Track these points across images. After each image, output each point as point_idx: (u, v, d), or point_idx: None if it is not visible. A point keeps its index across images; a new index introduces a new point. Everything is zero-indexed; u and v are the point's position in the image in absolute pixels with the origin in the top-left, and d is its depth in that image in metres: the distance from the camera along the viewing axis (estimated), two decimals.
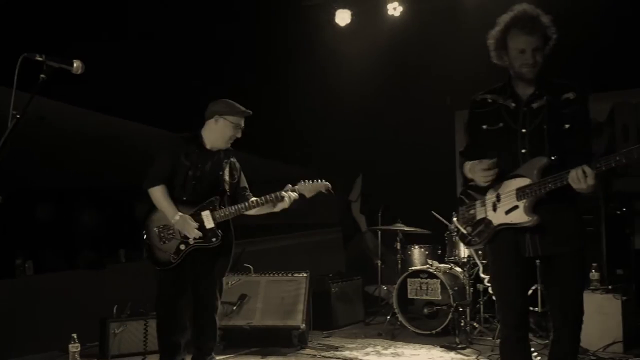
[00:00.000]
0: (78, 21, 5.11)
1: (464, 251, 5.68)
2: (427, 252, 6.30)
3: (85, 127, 5.83)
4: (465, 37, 6.68)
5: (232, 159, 4.09)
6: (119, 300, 5.01)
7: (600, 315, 4.96)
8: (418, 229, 6.39)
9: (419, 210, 6.80)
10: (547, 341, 5.19)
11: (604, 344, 4.87)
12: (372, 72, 7.10)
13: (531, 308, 5.54)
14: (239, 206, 3.91)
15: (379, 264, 6.67)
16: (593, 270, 5.21)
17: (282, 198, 3.90)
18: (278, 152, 7.39)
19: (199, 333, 3.99)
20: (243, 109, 4.01)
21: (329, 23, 6.92)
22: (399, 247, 6.40)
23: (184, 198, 3.86)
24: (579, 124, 2.89)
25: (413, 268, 6.02)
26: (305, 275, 5.54)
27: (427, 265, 5.93)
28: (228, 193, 4.00)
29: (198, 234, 3.79)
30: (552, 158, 2.81)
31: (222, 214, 3.85)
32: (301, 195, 3.95)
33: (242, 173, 4.16)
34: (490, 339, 5.31)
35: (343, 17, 6.90)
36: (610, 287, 5.14)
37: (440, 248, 6.28)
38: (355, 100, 7.45)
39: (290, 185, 3.96)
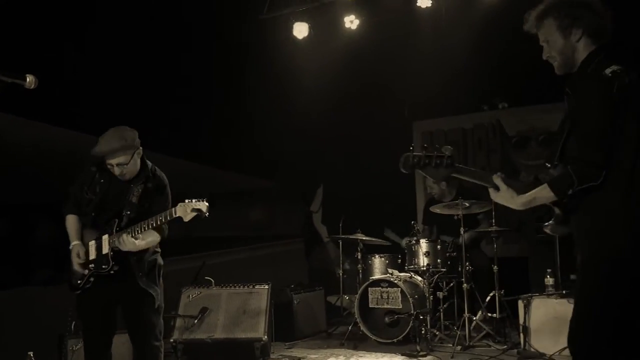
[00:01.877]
0: (34, 33, 5.05)
1: (423, 260, 5.77)
2: (387, 261, 6.36)
3: (41, 140, 5.75)
4: (422, 49, 6.85)
5: (148, 184, 3.76)
6: (77, 317, 4.92)
7: (555, 320, 5.09)
8: (378, 239, 6.47)
9: (379, 220, 6.90)
10: (505, 346, 5.32)
11: (559, 348, 4.99)
12: (331, 84, 7.19)
13: (489, 314, 5.67)
14: (127, 231, 3.60)
15: (341, 274, 6.71)
16: (548, 276, 5.35)
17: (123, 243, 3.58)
18: (239, 165, 7.39)
19: None
20: (104, 149, 3.62)
21: (286, 36, 6.97)
22: (359, 257, 6.46)
23: (92, 226, 3.78)
24: (573, 126, 2.50)
25: (374, 277, 6.07)
26: (266, 287, 5.54)
27: (388, 275, 5.99)
28: (130, 215, 3.67)
29: (75, 262, 3.67)
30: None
31: (116, 239, 3.62)
32: (179, 218, 3.53)
33: (162, 198, 3.78)
34: (451, 345, 5.39)
35: (301, 30, 6.96)
36: (564, 292, 5.28)
37: (400, 257, 6.36)
38: (314, 112, 7.52)
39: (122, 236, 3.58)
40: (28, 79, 2.81)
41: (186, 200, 3.52)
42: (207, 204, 3.52)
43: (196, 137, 6.59)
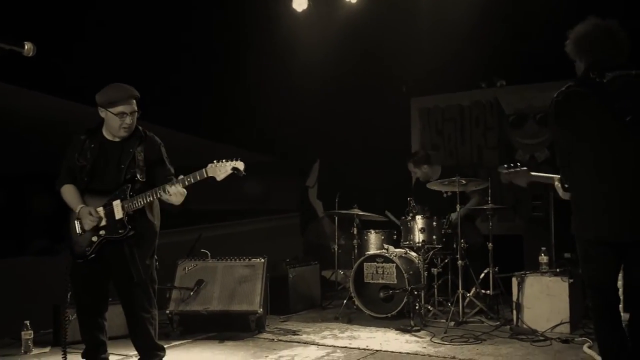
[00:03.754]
0: (34, 3, 5.00)
1: (419, 236, 5.79)
2: (383, 237, 6.39)
3: (38, 111, 5.71)
4: (421, 25, 6.80)
5: (144, 143, 3.80)
6: (71, 285, 4.92)
7: (548, 297, 5.15)
8: (374, 215, 6.49)
9: (376, 196, 6.91)
10: (498, 323, 5.37)
11: (551, 325, 5.05)
12: (330, 58, 7.13)
13: (483, 291, 5.72)
14: (147, 194, 3.67)
15: (336, 249, 6.74)
16: (542, 254, 5.39)
17: (167, 192, 3.62)
18: (236, 138, 7.37)
19: (133, 344, 3.92)
20: (121, 94, 3.68)
21: (286, 9, 6.90)
22: (355, 232, 6.48)
23: (88, 192, 3.78)
24: None
25: (369, 252, 6.11)
26: (262, 260, 5.56)
27: (383, 250, 6.02)
28: (142, 179, 3.74)
29: (91, 225, 3.66)
30: None
31: (132, 204, 3.67)
32: (212, 178, 3.62)
33: (162, 158, 3.86)
34: (444, 321, 5.44)
35: (300, 3, 6.88)
36: (558, 270, 5.33)
37: (395, 233, 6.38)
38: (312, 86, 7.47)
39: (182, 177, 3.64)
40: (26, 47, 2.78)
41: (214, 161, 3.59)
42: (243, 162, 3.60)
43: (194, 110, 6.56)
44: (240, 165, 3.60)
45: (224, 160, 3.60)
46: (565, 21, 6.35)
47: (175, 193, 3.63)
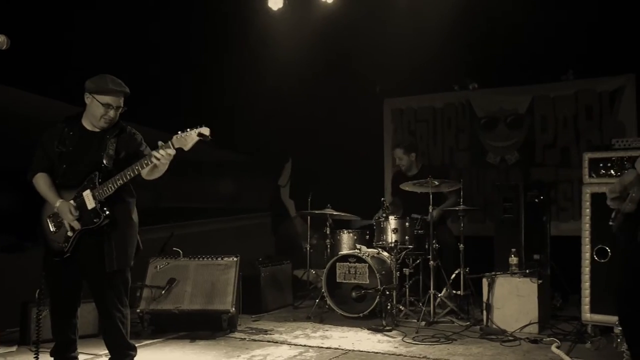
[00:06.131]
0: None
1: (391, 236, 5.83)
2: (355, 237, 6.41)
3: (4, 105, 5.59)
4: (396, 27, 6.85)
5: (122, 135, 3.78)
6: (41, 285, 4.83)
7: (517, 298, 5.23)
8: (347, 214, 6.50)
9: (348, 196, 6.93)
10: (468, 323, 5.43)
11: (520, 325, 5.13)
12: (304, 58, 7.14)
13: (454, 291, 5.78)
14: (115, 178, 3.60)
15: (308, 249, 6.74)
16: (512, 255, 5.46)
17: (157, 158, 3.52)
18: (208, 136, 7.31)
19: (105, 342, 3.86)
20: (113, 87, 3.65)
21: (261, 7, 6.87)
22: (328, 232, 6.49)
23: (62, 183, 3.71)
24: None
25: (342, 252, 6.12)
26: (235, 259, 5.53)
27: (356, 250, 6.04)
28: (108, 167, 3.66)
29: (71, 219, 3.59)
30: None
31: (102, 191, 3.60)
32: (179, 149, 3.53)
33: (141, 145, 3.81)
34: (415, 321, 5.49)
35: (276, 2, 6.86)
36: (527, 271, 5.41)
37: (368, 233, 6.41)
38: (286, 85, 7.47)
39: (161, 142, 3.55)
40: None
41: (179, 132, 3.52)
42: (208, 128, 3.51)
43: (168, 107, 6.48)
44: (205, 130, 3.51)
45: (188, 130, 3.52)
46: (537, 28, 6.51)
47: (164, 155, 3.50)
